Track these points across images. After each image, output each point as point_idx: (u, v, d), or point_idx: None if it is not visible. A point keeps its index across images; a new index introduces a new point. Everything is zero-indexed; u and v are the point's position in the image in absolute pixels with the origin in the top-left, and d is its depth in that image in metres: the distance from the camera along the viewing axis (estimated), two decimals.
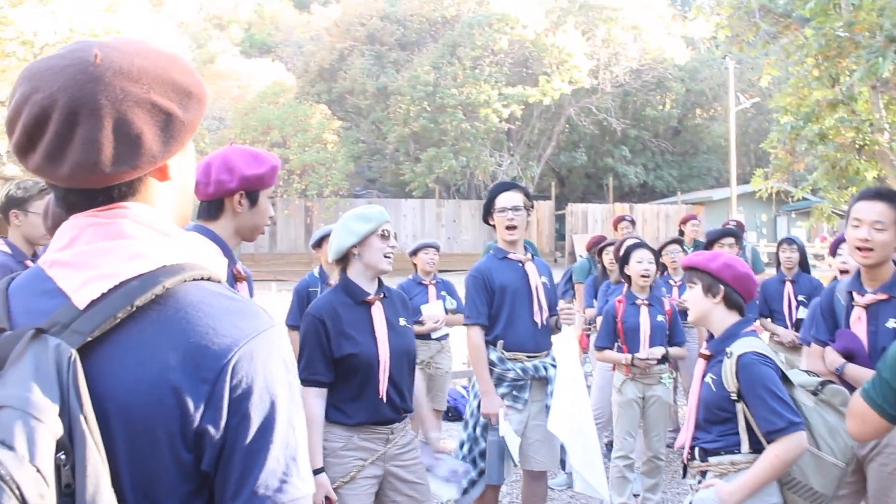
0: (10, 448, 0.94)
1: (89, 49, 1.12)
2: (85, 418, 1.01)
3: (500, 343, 4.19)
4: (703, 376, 3.00)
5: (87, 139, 1.10)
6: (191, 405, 1.08)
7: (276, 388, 1.13)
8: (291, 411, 1.14)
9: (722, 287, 3.00)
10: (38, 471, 0.95)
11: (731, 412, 2.84)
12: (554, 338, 4.42)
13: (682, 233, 8.01)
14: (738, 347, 2.86)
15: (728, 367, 2.84)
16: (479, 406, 4.18)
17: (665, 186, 34.13)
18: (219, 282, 1.20)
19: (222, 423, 1.09)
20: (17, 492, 0.92)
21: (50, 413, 0.98)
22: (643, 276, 5.01)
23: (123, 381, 1.07)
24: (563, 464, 5.56)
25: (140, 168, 1.14)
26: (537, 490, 4.40)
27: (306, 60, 33.96)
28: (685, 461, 3.04)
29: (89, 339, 1.07)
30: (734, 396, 2.82)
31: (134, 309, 1.10)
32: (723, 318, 3.02)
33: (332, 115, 29.33)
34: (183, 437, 1.08)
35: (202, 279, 1.17)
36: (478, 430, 4.19)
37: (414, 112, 27.81)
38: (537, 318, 4.24)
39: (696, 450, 2.97)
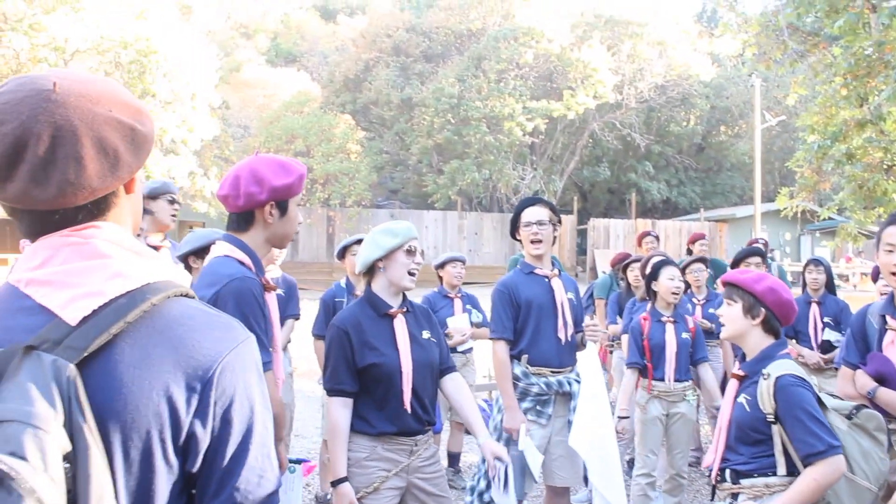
0: (24, 458, 0.99)
1: (42, 79, 1.19)
2: (89, 430, 1.07)
3: (524, 358, 4.20)
4: (736, 396, 2.98)
5: (72, 158, 1.17)
6: (182, 413, 1.16)
7: (254, 394, 1.24)
8: (265, 414, 1.26)
9: (763, 310, 2.99)
10: (52, 479, 1.00)
11: (766, 434, 2.83)
12: (578, 354, 4.42)
13: (689, 252, 7.98)
14: (776, 369, 2.85)
15: (765, 389, 2.83)
16: (502, 420, 4.19)
17: (688, 203, 33.99)
18: (194, 297, 1.29)
19: (209, 428, 1.18)
20: (38, 500, 0.97)
21: (55, 425, 1.03)
22: (673, 294, 5.00)
23: (119, 392, 1.13)
24: (586, 480, 5.56)
25: (121, 179, 1.23)
26: None
27: (331, 70, 34.17)
28: (714, 482, 3.02)
29: (85, 354, 1.12)
30: (771, 418, 2.81)
31: (126, 325, 1.16)
32: (759, 340, 3.00)
33: (356, 126, 29.49)
34: (174, 443, 1.16)
35: (182, 295, 1.25)
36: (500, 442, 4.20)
37: (438, 124, 27.90)
38: (562, 334, 4.24)
39: (727, 471, 2.95)
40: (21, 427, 1.01)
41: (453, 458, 6.18)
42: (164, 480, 1.16)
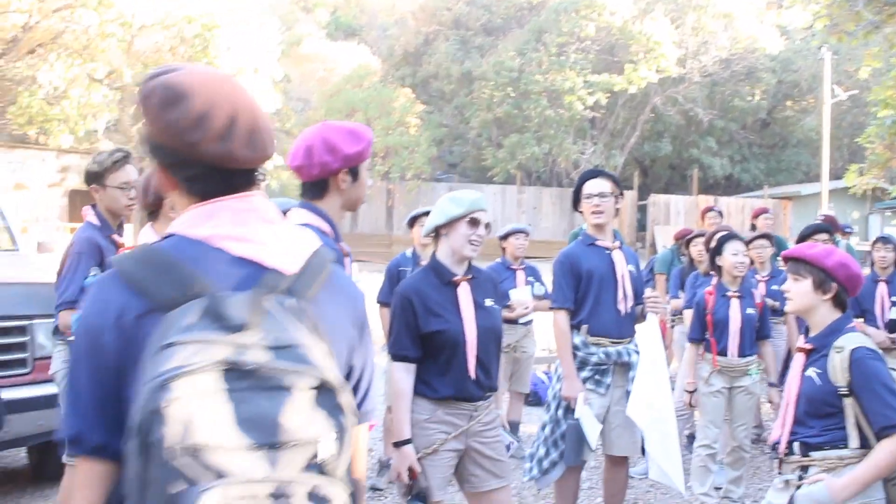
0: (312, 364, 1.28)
1: (214, 69, 1.53)
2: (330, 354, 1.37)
3: (584, 328, 4.26)
4: (803, 370, 2.99)
5: (266, 131, 1.49)
6: (356, 341, 1.57)
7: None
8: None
9: (834, 285, 2.98)
10: (336, 376, 1.31)
11: (838, 407, 2.84)
12: (637, 326, 4.45)
13: (753, 227, 7.88)
14: (849, 342, 2.86)
15: (838, 362, 2.83)
16: (561, 389, 4.26)
17: (751, 179, 33.33)
18: None
19: (359, 364, 1.59)
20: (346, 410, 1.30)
21: (317, 349, 1.32)
22: (737, 268, 4.98)
23: (330, 328, 1.41)
24: (643, 451, 5.59)
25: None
26: (618, 476, 4.45)
27: (391, 44, 34.21)
28: (781, 456, 3.03)
29: (307, 297, 1.42)
30: (843, 391, 2.81)
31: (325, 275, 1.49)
32: (827, 314, 3.00)
33: (415, 99, 29.51)
34: (345, 373, 1.53)
35: None
36: (559, 413, 4.27)
37: (498, 97, 27.80)
38: (621, 306, 4.29)
39: (796, 444, 2.96)
40: (301, 347, 1.29)
41: (513, 427, 6.25)
42: None
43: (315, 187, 2.69)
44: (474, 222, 3.37)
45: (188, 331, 1.26)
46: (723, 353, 4.96)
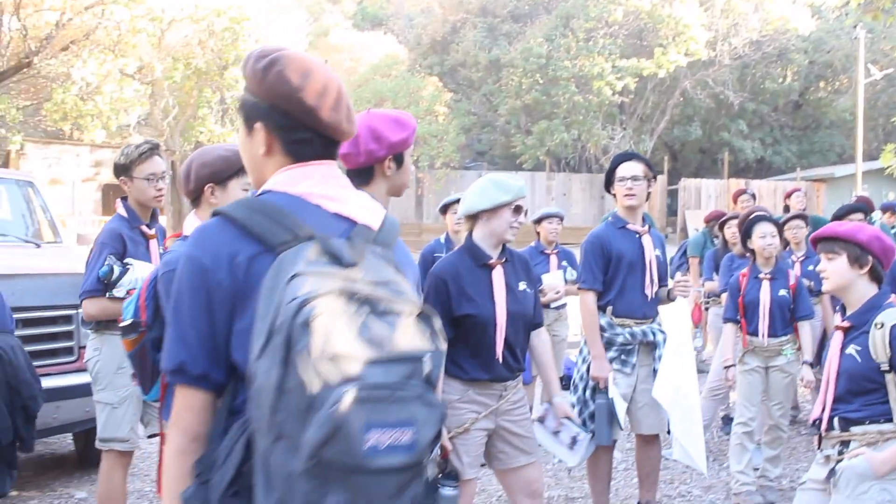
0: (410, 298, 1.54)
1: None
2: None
3: (609, 309, 4.32)
4: (843, 348, 3.01)
5: (353, 111, 1.76)
6: (418, 292, 1.86)
7: None
8: None
9: (870, 258, 2.99)
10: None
11: (879, 383, 2.86)
12: (666, 308, 4.51)
13: (787, 207, 7.83)
14: (889, 318, 2.87)
15: (879, 338, 2.86)
16: (587, 370, 4.32)
17: (783, 162, 32.94)
18: None
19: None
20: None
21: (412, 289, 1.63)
22: (766, 251, 4.99)
23: (404, 273, 1.64)
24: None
25: None
26: (651, 454, 4.51)
27: (418, 33, 34.18)
28: (822, 432, 3.06)
29: (390, 247, 1.68)
30: (885, 367, 2.84)
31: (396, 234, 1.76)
32: (864, 290, 3.02)
33: (443, 88, 29.51)
34: None
35: None
36: (587, 393, 4.33)
37: (526, 84, 27.70)
38: (648, 291, 4.35)
39: (836, 420, 2.98)
40: (396, 283, 1.54)
41: None
42: None
43: (361, 174, 2.75)
44: (518, 209, 3.45)
45: (311, 265, 1.48)
46: (754, 333, 4.99)
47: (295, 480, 1.37)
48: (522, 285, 3.56)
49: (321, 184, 1.69)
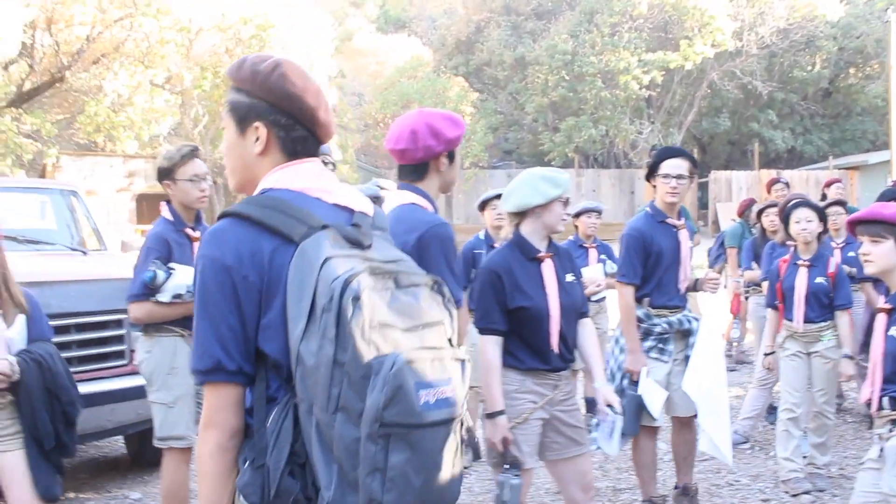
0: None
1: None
2: None
3: (646, 301, 4.41)
4: (886, 330, 3.01)
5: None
6: None
7: None
8: None
9: None
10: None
11: None
12: (706, 302, 4.57)
13: (824, 196, 7.78)
14: None
15: None
16: (622, 362, 4.42)
17: (815, 151, 32.55)
18: None
19: None
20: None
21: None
22: (802, 236, 4.99)
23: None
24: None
25: None
26: (687, 437, 4.58)
27: (442, 34, 34.23)
28: (873, 412, 3.07)
29: (385, 229, 1.85)
30: None
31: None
32: None
33: (469, 88, 29.51)
34: None
35: None
36: (624, 383, 4.40)
37: (552, 81, 27.62)
38: (682, 284, 4.46)
39: (886, 400, 2.99)
40: (404, 260, 1.72)
41: (589, 404, 6.30)
42: None
43: (416, 170, 2.90)
44: (566, 202, 3.54)
45: (336, 248, 1.59)
46: (791, 319, 5.00)
47: (358, 447, 1.47)
48: (570, 277, 3.63)
49: (316, 179, 1.79)
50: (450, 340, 1.64)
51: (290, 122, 1.78)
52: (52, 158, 18.03)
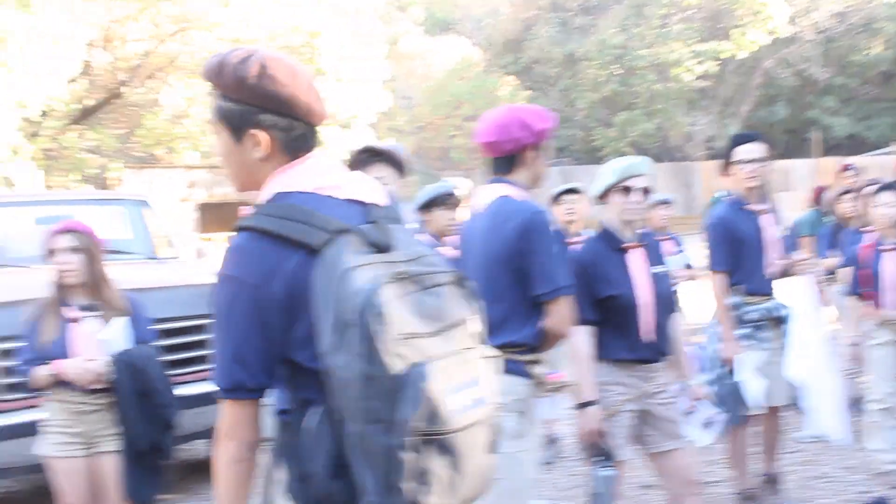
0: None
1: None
2: None
3: (738, 288, 4.37)
4: None
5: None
6: None
7: None
8: None
9: None
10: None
11: None
12: (795, 285, 4.51)
13: None
14: None
15: None
16: (717, 351, 4.37)
17: (877, 136, 31.70)
18: None
19: None
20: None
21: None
22: (884, 220, 4.86)
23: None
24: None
25: None
26: (776, 425, 4.58)
27: (490, 34, 34.20)
28: None
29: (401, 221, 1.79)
30: None
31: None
32: None
33: (519, 86, 29.42)
34: None
35: None
36: (721, 372, 4.34)
37: (603, 76, 27.44)
38: (769, 269, 4.41)
39: None
40: (428, 256, 1.69)
41: None
42: None
43: (506, 162, 2.92)
44: (627, 190, 3.46)
45: (358, 257, 1.56)
46: (881, 306, 4.85)
47: (397, 456, 1.47)
48: (660, 267, 3.57)
49: (324, 175, 1.73)
50: (477, 336, 1.64)
51: (287, 122, 1.71)
52: (115, 172, 18.44)
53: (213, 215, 19.79)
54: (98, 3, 16.98)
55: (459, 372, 1.56)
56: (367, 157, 4.13)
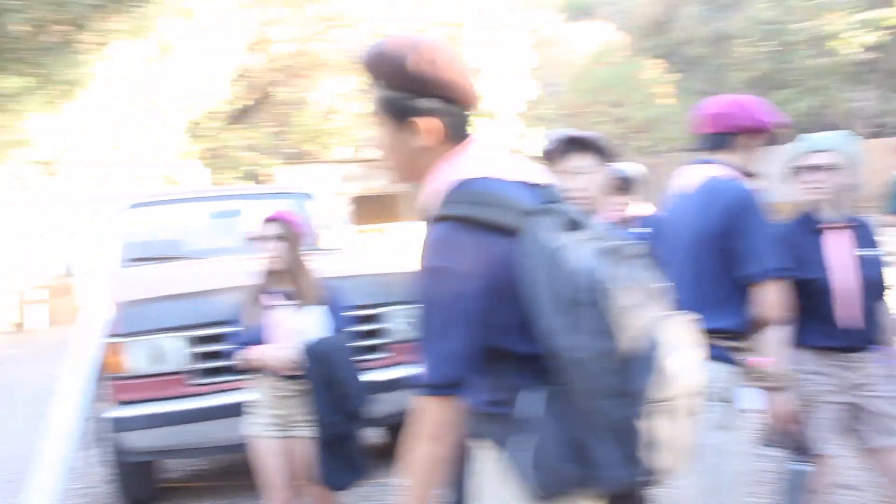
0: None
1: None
2: None
3: None
4: None
5: None
6: None
7: None
8: None
9: None
10: None
11: None
12: None
13: None
14: None
15: None
16: None
17: None
18: None
19: None
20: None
21: None
22: None
23: None
24: None
25: None
26: None
27: (634, 16, 33.43)
28: None
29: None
30: None
31: None
32: None
33: (666, 68, 28.64)
34: None
35: None
36: None
37: (755, 54, 26.28)
38: None
39: None
40: (607, 230, 1.71)
41: None
42: None
43: (718, 140, 2.92)
44: (806, 168, 3.31)
45: (561, 235, 1.56)
46: None
47: (634, 426, 1.53)
48: (866, 251, 3.34)
49: (490, 159, 1.72)
50: (672, 305, 1.68)
51: (449, 107, 1.69)
52: (273, 168, 19.22)
53: (368, 208, 20.29)
54: (252, 7, 17.72)
55: (674, 336, 1.59)
56: (565, 147, 4.07)
